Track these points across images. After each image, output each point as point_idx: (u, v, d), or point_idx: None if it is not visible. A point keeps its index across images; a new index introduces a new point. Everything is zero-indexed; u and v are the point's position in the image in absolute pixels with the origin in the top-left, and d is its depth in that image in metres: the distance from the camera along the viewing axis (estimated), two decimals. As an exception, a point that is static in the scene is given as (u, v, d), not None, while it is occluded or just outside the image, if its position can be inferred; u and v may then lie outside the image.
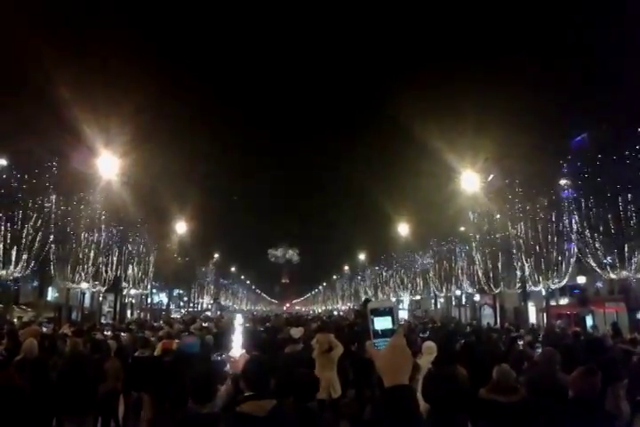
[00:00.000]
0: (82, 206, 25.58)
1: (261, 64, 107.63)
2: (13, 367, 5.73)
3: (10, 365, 5.50)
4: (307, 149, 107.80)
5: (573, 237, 22.73)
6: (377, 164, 74.10)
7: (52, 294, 32.85)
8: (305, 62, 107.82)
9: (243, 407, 3.58)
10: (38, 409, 5.38)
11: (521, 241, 25.61)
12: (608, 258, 20.59)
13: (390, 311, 1.67)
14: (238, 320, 16.44)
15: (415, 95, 33.22)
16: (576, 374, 4.39)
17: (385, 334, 1.65)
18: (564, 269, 23.95)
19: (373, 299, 58.01)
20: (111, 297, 37.47)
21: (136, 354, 9.28)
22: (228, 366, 7.56)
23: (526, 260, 25.43)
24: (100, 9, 29.16)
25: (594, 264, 21.23)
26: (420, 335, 16.97)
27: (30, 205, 21.73)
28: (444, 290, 39.68)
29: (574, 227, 22.42)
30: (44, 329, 16.11)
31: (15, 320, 20.88)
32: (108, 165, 25.67)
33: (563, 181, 23.57)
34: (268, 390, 3.79)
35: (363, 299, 53.43)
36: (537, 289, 26.48)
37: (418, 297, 48.32)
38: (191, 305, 60.55)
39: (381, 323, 1.66)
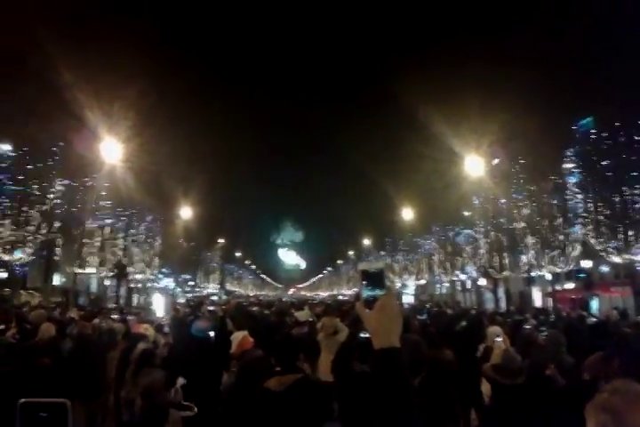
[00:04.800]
0: (86, 191, 25.58)
1: (264, 43, 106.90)
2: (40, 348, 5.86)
3: (37, 345, 5.64)
4: (311, 133, 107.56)
5: (579, 221, 22.66)
6: (381, 148, 73.84)
7: (59, 278, 32.98)
8: (309, 42, 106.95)
9: (268, 383, 3.86)
10: (61, 389, 5.50)
11: (526, 225, 25.56)
12: (613, 242, 20.53)
13: (381, 274, 1.64)
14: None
15: (419, 78, 32.96)
16: (593, 359, 4.35)
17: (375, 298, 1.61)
18: (569, 253, 23.91)
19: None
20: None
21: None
22: None
23: (531, 244, 25.39)
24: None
25: (599, 248, 21.18)
26: (418, 317, 16.83)
27: (35, 190, 21.74)
28: (448, 275, 39.76)
29: (579, 211, 22.35)
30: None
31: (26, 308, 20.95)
32: (112, 150, 25.63)
33: (568, 165, 23.44)
34: (294, 365, 4.02)
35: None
36: (542, 273, 26.48)
37: (423, 282, 48.43)
38: (197, 290, 60.80)
39: (372, 289, 1.62)
